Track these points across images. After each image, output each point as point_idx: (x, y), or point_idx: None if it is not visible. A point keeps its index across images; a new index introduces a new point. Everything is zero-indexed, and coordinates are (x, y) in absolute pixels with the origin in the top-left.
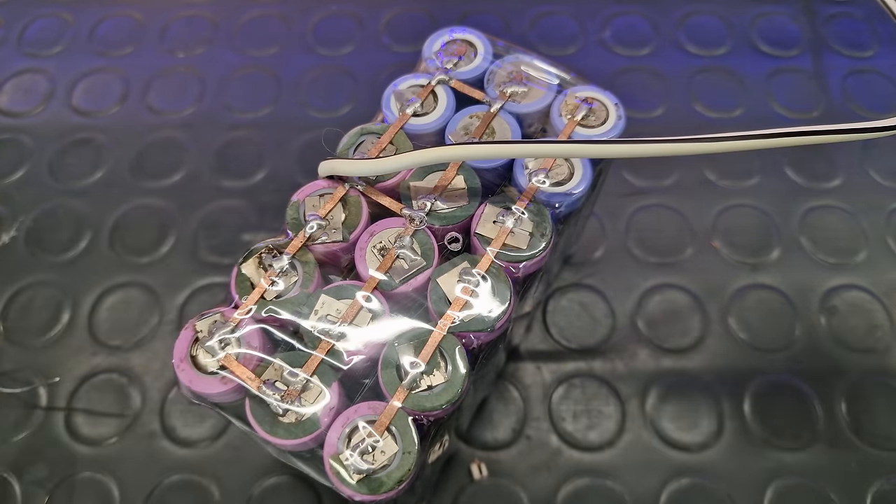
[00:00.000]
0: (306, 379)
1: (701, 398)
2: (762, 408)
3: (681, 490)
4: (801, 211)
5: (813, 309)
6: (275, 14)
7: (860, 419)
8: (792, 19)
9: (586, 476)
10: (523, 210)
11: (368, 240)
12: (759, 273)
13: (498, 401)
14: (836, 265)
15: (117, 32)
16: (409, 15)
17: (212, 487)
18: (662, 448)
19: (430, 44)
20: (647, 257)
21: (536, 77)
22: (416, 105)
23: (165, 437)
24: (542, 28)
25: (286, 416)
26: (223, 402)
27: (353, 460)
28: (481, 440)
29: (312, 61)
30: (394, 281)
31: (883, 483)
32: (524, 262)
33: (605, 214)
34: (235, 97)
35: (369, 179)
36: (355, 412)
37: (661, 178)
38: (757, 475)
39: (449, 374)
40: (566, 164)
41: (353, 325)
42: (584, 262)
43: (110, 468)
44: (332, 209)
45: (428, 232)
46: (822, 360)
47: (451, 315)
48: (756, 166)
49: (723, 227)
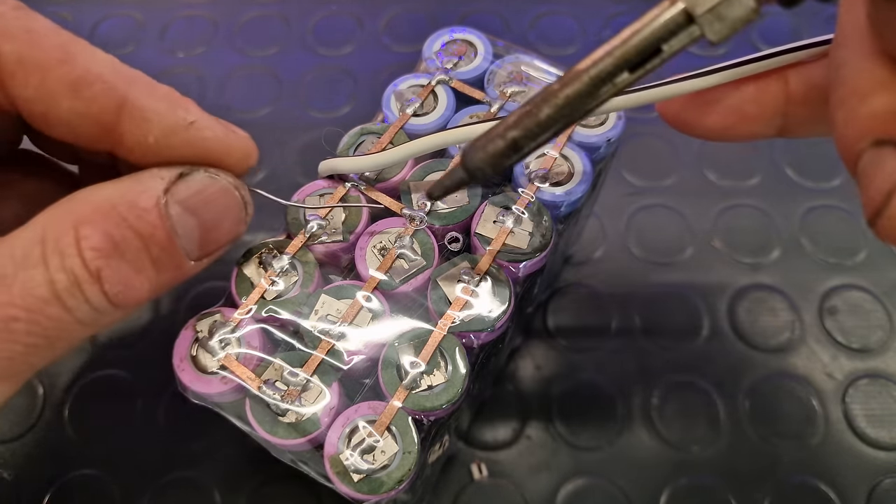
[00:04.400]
0: (306, 379)
1: (700, 398)
2: (762, 408)
3: (680, 490)
4: (801, 211)
5: (813, 309)
6: (275, 14)
7: (859, 418)
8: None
9: (586, 476)
10: (523, 210)
11: (369, 240)
12: (759, 273)
13: (498, 401)
14: (836, 265)
15: (117, 32)
16: (409, 15)
17: (212, 487)
18: (662, 448)
19: (430, 44)
20: (647, 257)
21: (536, 77)
22: (416, 105)
23: (166, 437)
24: (542, 28)
25: (286, 416)
26: (223, 401)
27: (353, 460)
28: (481, 440)
29: (312, 61)
30: (394, 281)
31: (881, 481)
32: (524, 262)
33: (605, 214)
34: (235, 97)
35: (370, 179)
36: (355, 412)
37: (661, 178)
38: (757, 475)
39: (449, 374)
40: (566, 164)
41: (354, 325)
42: (584, 262)
43: (107, 466)
44: (333, 209)
45: (428, 232)
46: (821, 360)
47: (451, 315)
48: (756, 166)
49: (723, 227)
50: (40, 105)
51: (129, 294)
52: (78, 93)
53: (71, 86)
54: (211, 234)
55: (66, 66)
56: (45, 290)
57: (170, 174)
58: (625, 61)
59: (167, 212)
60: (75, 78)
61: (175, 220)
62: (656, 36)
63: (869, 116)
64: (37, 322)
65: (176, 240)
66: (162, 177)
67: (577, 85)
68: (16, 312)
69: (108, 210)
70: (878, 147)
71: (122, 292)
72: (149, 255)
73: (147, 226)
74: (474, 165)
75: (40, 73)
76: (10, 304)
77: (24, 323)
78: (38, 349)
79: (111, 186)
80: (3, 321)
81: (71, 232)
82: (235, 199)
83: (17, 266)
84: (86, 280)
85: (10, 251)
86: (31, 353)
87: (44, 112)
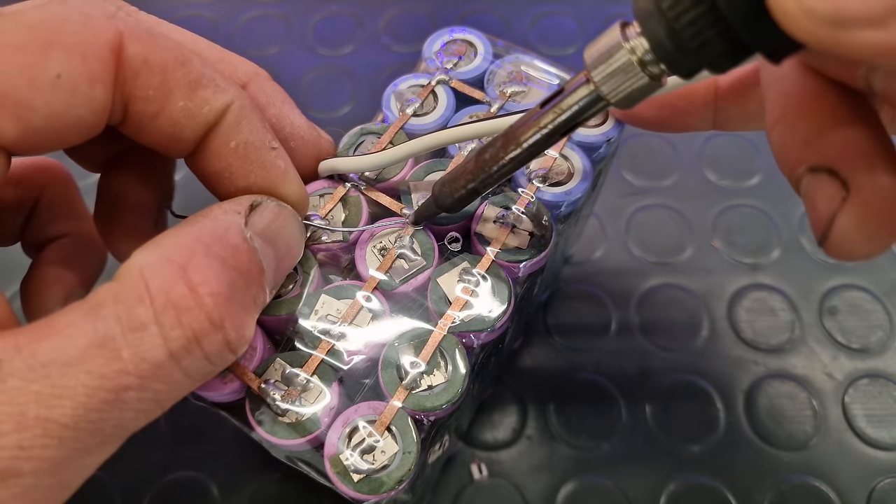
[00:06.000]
0: (307, 379)
1: (700, 398)
2: (762, 407)
3: (680, 490)
4: (801, 211)
5: (813, 309)
6: (275, 14)
7: (859, 418)
8: None
9: (586, 476)
10: (523, 210)
11: (369, 240)
12: (759, 273)
13: (498, 401)
14: (836, 265)
15: None
16: (409, 15)
17: (212, 487)
18: (662, 448)
19: (430, 44)
20: (647, 257)
21: (536, 77)
22: (416, 105)
23: (167, 437)
24: (542, 28)
25: (286, 416)
26: (224, 401)
27: (353, 460)
28: (481, 440)
29: (312, 61)
30: (394, 281)
31: (881, 481)
32: (524, 262)
33: (605, 214)
34: None
35: (370, 179)
36: (355, 412)
37: (661, 178)
38: (757, 475)
39: (449, 373)
40: (566, 163)
41: (354, 325)
42: (584, 262)
43: (107, 466)
44: (333, 209)
45: (428, 232)
46: (821, 360)
47: (451, 315)
48: (756, 166)
49: (723, 227)
50: (155, 105)
51: (246, 338)
52: (193, 93)
53: (188, 86)
54: (283, 263)
55: (185, 67)
56: (160, 353)
57: (242, 207)
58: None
59: (253, 245)
60: (192, 79)
61: (260, 253)
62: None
63: (801, 144)
64: (149, 388)
65: (264, 273)
66: (238, 210)
67: (517, 150)
68: (129, 381)
69: (206, 251)
70: (813, 174)
71: (241, 337)
72: (251, 294)
73: (243, 262)
74: (444, 205)
75: (162, 73)
76: (122, 372)
77: (136, 391)
78: (147, 414)
79: (191, 227)
80: (114, 392)
81: (181, 280)
82: (299, 225)
83: (125, 328)
84: (206, 332)
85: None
86: (140, 417)
87: (156, 112)
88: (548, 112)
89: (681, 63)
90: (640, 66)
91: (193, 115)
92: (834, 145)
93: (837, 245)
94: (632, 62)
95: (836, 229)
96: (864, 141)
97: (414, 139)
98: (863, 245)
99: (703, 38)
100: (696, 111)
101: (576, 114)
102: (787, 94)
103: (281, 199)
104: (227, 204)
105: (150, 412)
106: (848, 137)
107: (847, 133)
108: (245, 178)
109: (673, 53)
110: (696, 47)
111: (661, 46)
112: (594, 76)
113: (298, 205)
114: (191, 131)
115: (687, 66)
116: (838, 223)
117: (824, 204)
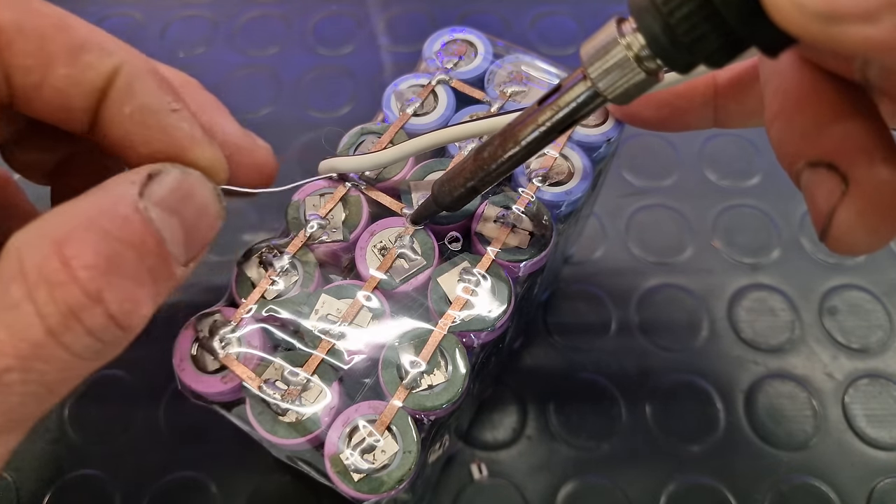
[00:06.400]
0: (307, 378)
1: (700, 398)
2: (761, 407)
3: (680, 490)
4: (801, 211)
5: (813, 309)
6: (275, 14)
7: (859, 418)
8: None
9: (586, 476)
10: (523, 210)
11: (369, 239)
12: (759, 273)
13: (498, 401)
14: (836, 265)
15: (117, 32)
16: (409, 15)
17: (212, 487)
18: (662, 448)
19: (430, 44)
20: (646, 257)
21: (536, 77)
22: (417, 105)
23: (166, 437)
24: (542, 28)
25: (286, 416)
26: (224, 401)
27: (353, 459)
28: (481, 440)
29: (312, 61)
30: (394, 280)
31: (881, 481)
32: (524, 261)
33: (605, 214)
34: (235, 97)
35: (370, 179)
36: (356, 411)
37: (661, 178)
38: (757, 475)
39: (449, 373)
40: (566, 163)
41: (354, 324)
42: (584, 262)
43: (107, 466)
44: (333, 209)
45: (428, 231)
46: (821, 360)
47: (451, 314)
48: (756, 166)
49: (723, 227)
50: (36, 74)
51: (137, 312)
52: (76, 58)
53: (69, 51)
54: (194, 234)
55: (64, 33)
56: (38, 331)
57: (139, 176)
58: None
59: (148, 216)
60: (73, 44)
61: (158, 224)
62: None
63: (800, 139)
64: (32, 369)
65: (165, 245)
66: (132, 180)
67: (516, 148)
68: (8, 363)
69: (88, 225)
70: (812, 168)
71: (129, 311)
72: (145, 266)
73: (134, 234)
74: (444, 203)
75: (39, 40)
76: (0, 353)
77: (18, 373)
78: (37, 397)
79: (80, 201)
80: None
81: (54, 256)
82: (211, 191)
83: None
84: (84, 306)
85: None
86: (30, 402)
87: (38, 82)
88: (545, 109)
89: (676, 58)
90: (636, 61)
91: (78, 81)
92: (832, 139)
93: (838, 239)
94: (628, 58)
95: (836, 223)
96: (862, 135)
97: (415, 137)
98: (863, 239)
99: (698, 33)
100: (696, 109)
101: (573, 110)
102: (786, 88)
103: (191, 164)
104: (122, 175)
105: (40, 396)
106: (846, 131)
107: (846, 127)
108: (147, 146)
109: (668, 48)
110: (691, 42)
111: (656, 42)
112: (591, 72)
113: (211, 169)
114: (80, 100)
115: (683, 61)
116: (838, 217)
117: (824, 198)
